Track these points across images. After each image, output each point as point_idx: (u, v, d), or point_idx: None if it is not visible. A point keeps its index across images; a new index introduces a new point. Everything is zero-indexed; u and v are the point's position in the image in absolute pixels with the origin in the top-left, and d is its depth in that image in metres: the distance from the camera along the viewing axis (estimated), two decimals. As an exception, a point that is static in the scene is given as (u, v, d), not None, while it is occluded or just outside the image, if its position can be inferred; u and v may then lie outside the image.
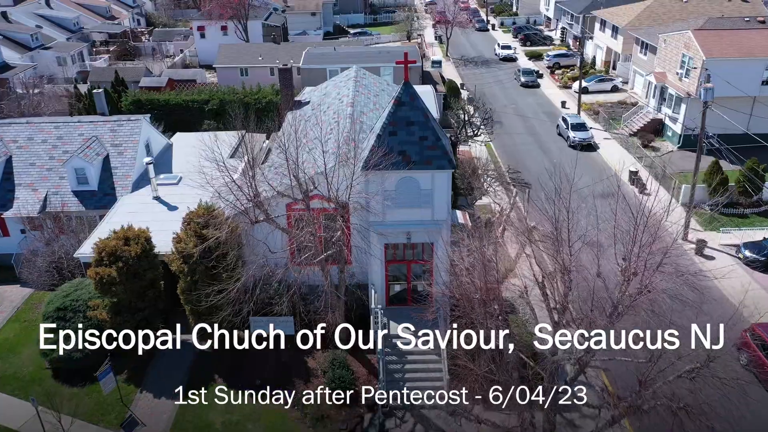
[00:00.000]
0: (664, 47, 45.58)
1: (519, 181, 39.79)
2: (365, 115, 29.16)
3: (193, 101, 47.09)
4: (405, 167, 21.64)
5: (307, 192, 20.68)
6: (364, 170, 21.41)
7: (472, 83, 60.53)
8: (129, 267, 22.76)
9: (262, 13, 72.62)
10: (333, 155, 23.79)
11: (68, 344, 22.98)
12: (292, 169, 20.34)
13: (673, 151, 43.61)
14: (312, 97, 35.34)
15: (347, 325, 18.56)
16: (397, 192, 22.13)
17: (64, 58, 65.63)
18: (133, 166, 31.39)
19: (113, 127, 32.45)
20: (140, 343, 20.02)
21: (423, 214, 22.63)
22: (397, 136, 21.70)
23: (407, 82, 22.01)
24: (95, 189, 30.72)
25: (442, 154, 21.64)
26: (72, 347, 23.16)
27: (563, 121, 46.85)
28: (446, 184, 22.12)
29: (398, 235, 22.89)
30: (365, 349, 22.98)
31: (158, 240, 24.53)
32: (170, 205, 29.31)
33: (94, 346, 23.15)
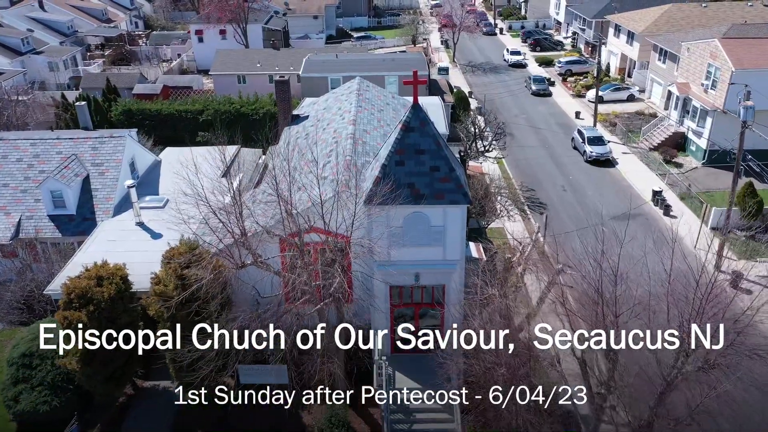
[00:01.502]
0: (687, 56, 42.81)
1: (534, 201, 37.09)
2: (368, 134, 26.58)
3: (186, 111, 44.56)
4: (413, 202, 18.98)
5: (301, 234, 17.99)
6: (367, 205, 18.72)
7: (481, 92, 57.86)
8: (101, 311, 20.12)
9: (262, 16, 70.03)
10: (331, 183, 21.24)
11: (30, 396, 20.67)
12: (284, 206, 17.64)
13: (698, 167, 40.82)
14: (311, 111, 32.72)
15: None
16: (405, 229, 19.46)
17: (56, 63, 63.11)
18: (115, 187, 28.83)
19: (94, 145, 29.90)
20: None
21: (433, 253, 19.96)
22: (404, 166, 19.04)
23: (417, 104, 19.33)
24: (73, 213, 28.18)
25: (455, 187, 18.96)
26: (37, 399, 20.79)
27: (579, 134, 44.09)
28: (460, 220, 19.44)
29: (405, 276, 20.20)
30: (368, 397, 20.61)
31: (139, 274, 21.97)
32: (154, 233, 26.66)
33: (61, 399, 20.90)
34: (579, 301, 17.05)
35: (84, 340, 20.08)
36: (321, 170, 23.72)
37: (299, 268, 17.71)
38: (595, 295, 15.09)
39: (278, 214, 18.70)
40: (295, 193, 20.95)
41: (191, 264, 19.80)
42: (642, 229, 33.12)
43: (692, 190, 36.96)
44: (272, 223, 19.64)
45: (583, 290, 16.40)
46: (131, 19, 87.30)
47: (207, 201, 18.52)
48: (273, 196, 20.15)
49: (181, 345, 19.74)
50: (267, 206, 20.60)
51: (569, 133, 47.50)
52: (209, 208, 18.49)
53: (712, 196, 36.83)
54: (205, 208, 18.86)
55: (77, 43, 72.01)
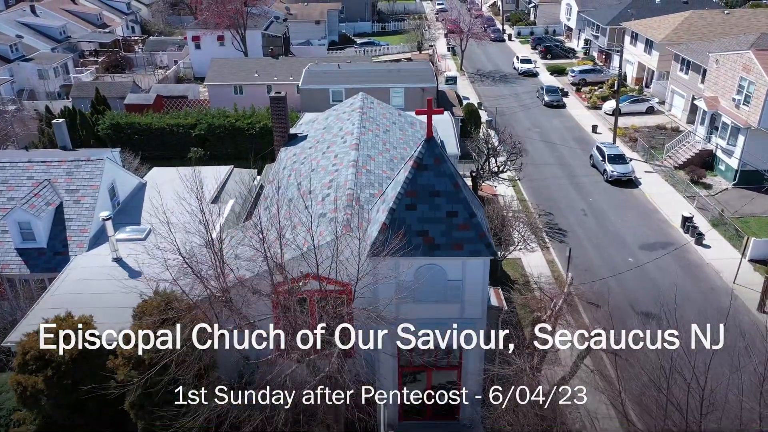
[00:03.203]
0: (715, 68, 39.81)
1: (552, 227, 34.09)
2: (372, 160, 23.69)
3: (178, 125, 41.71)
4: (427, 253, 16.06)
5: (293, 294, 15.07)
6: (372, 258, 15.80)
7: (491, 103, 54.96)
8: (62, 374, 17.31)
9: (262, 22, 67.17)
10: (331, 222, 18.37)
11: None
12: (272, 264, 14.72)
13: (728, 188, 37.79)
14: (310, 130, 29.82)
15: None
16: (417, 282, 16.51)
17: (46, 70, 60.33)
18: (92, 217, 25.91)
19: (70, 169, 27.00)
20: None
21: (449, 310, 17.04)
22: (416, 210, 16.11)
23: (431, 138, 16.38)
24: (43, 247, 25.28)
25: (476, 235, 16.02)
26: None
27: (598, 151, 41.07)
28: (482, 273, 16.52)
29: (416, 335, 17.21)
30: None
31: (112, 322, 19.06)
32: (133, 270, 23.70)
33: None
34: (636, 399, 14.08)
35: (40, 413, 17.33)
36: (319, 204, 20.95)
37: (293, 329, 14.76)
38: (663, 398, 12.05)
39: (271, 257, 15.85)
40: (289, 232, 18.13)
41: (166, 322, 16.95)
42: (678, 265, 30.18)
43: (725, 215, 33.92)
44: (262, 268, 16.72)
45: (642, 387, 13.42)
46: (127, 23, 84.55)
47: (180, 252, 15.62)
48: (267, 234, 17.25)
49: (155, 417, 16.97)
50: (257, 250, 17.59)
51: (586, 148, 44.52)
52: (184, 261, 15.58)
53: (747, 222, 33.81)
54: (180, 257, 15.99)
55: (70, 49, 69.28)
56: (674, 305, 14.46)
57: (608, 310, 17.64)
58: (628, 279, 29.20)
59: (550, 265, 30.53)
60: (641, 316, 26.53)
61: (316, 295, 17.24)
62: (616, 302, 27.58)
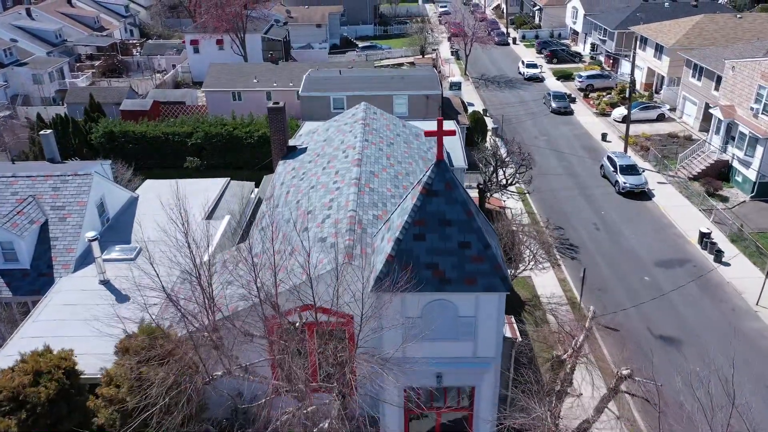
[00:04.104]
0: (732, 76, 38.30)
1: (563, 242, 32.59)
2: (376, 177, 22.26)
3: (173, 134, 40.25)
4: (437, 288, 14.58)
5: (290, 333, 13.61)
6: (376, 292, 14.34)
7: (496, 109, 53.51)
8: (37, 417, 15.82)
9: (262, 25, 65.75)
10: (331, 248, 16.95)
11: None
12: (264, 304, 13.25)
13: (746, 201, 36.26)
14: (310, 141, 28.39)
15: None
16: (425, 319, 15.06)
17: (40, 75, 59.00)
18: (78, 236, 24.45)
19: (56, 184, 25.56)
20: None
21: (461, 349, 15.57)
22: (425, 241, 14.64)
23: (442, 161, 14.91)
24: (27, 267, 23.82)
25: (491, 268, 14.54)
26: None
27: (609, 161, 39.55)
28: (497, 310, 15.03)
29: (424, 375, 15.76)
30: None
31: (96, 353, 17.73)
32: (121, 294, 22.26)
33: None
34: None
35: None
36: (318, 226, 19.50)
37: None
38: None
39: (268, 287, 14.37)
40: (286, 259, 16.68)
41: (152, 360, 15.51)
42: (696, 284, 28.66)
43: (744, 230, 32.41)
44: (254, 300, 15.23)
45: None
46: (126, 26, 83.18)
47: (164, 289, 14.16)
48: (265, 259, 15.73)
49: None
50: (249, 294, 15.97)
51: (596, 157, 43.04)
52: (168, 298, 14.13)
53: (766, 237, 32.29)
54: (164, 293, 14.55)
55: (66, 53, 67.91)
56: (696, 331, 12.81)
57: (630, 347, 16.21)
58: (644, 299, 27.73)
59: (562, 284, 29.04)
60: (661, 341, 25.11)
61: (315, 332, 15.81)
62: (633, 325, 26.17)
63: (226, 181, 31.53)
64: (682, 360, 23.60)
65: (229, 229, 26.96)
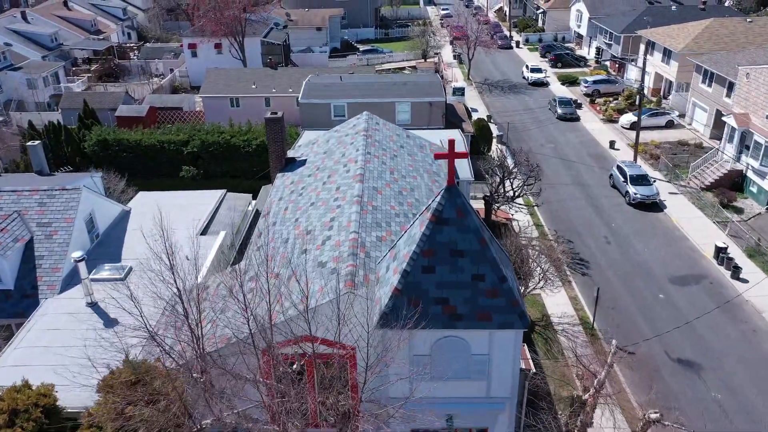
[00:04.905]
0: (746, 82, 37.04)
1: (573, 257, 31.30)
2: (379, 193, 21.03)
3: (169, 142, 39.00)
4: (447, 324, 13.32)
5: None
6: (381, 329, 13.08)
7: (501, 115, 52.26)
8: (13, 461, 14.60)
9: (261, 29, 64.52)
10: (332, 273, 15.73)
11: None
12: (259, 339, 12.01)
13: (761, 213, 34.98)
14: (310, 153, 27.12)
15: None
16: (435, 357, 13.79)
17: (35, 80, 57.75)
18: (65, 255, 23.15)
19: (42, 199, 24.29)
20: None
21: (474, 388, 14.30)
22: (434, 273, 13.38)
23: (452, 186, 13.64)
24: (10, 288, 22.52)
25: (508, 303, 13.28)
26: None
27: (619, 170, 38.26)
28: (513, 347, 13.77)
29: (434, 417, 14.49)
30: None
31: (81, 384, 16.39)
32: (108, 318, 20.99)
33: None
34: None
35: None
36: (318, 248, 18.26)
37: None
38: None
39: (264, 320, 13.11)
40: (283, 286, 15.44)
41: (136, 401, 14.25)
42: (713, 302, 27.38)
43: (762, 244, 31.14)
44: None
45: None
46: (123, 29, 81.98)
47: (148, 328, 12.91)
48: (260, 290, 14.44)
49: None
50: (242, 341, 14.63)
51: (604, 166, 41.80)
52: (152, 338, 12.88)
53: (785, 251, 31.04)
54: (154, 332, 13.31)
55: (62, 56, 66.74)
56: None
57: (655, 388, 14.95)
58: (660, 318, 26.47)
59: (574, 302, 27.77)
60: (679, 365, 23.83)
61: (314, 368, 14.55)
62: (649, 346, 24.89)
63: (222, 193, 30.27)
64: (702, 387, 22.34)
65: (225, 245, 25.77)
